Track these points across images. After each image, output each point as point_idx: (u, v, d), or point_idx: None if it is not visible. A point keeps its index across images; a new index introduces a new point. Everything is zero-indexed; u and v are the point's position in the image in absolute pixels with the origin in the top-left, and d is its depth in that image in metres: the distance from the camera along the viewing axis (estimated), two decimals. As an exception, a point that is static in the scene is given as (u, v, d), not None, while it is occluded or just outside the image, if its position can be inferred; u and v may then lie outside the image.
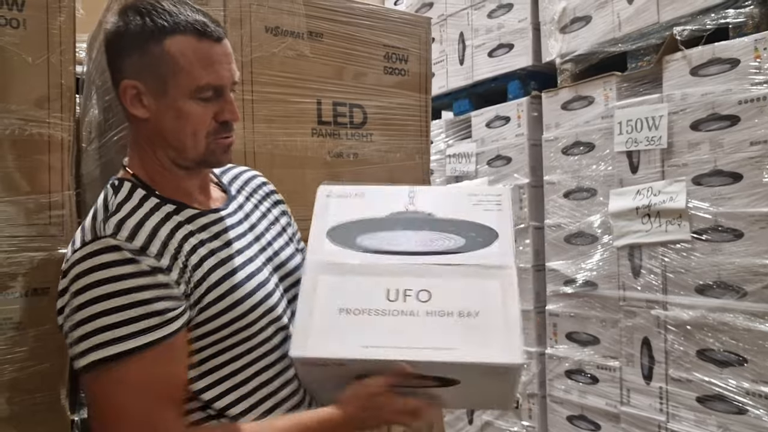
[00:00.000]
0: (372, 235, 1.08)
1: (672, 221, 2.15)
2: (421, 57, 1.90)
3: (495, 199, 1.10)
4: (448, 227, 1.07)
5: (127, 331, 0.87)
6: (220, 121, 1.00)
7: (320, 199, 1.15)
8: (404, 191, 1.14)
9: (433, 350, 0.94)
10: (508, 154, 2.89)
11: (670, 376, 2.19)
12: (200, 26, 0.95)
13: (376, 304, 0.99)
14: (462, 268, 1.02)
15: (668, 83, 2.19)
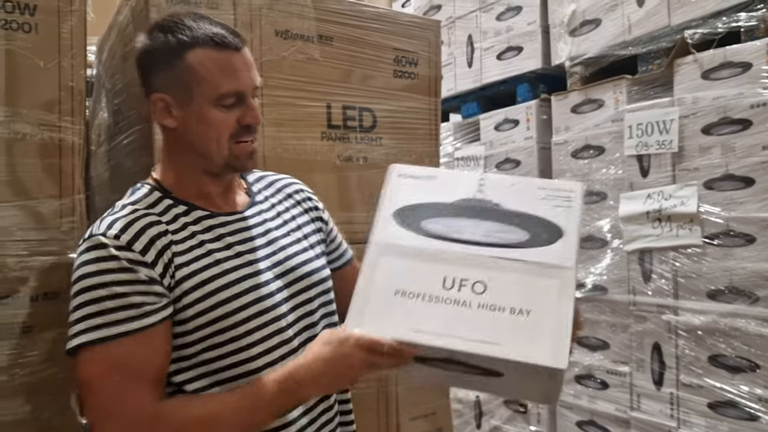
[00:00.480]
0: (437, 220, 1.07)
1: (683, 226, 2.14)
2: (430, 60, 1.89)
3: (565, 195, 1.05)
4: (513, 220, 1.05)
5: (106, 320, 0.95)
6: (242, 124, 1.05)
7: (391, 178, 1.12)
8: (475, 178, 1.11)
9: (479, 343, 0.94)
10: (517, 157, 2.88)
11: (681, 381, 2.17)
12: (218, 38, 1.01)
13: (431, 290, 1.00)
14: (521, 264, 1.00)
15: (679, 87, 2.17)
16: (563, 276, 0.98)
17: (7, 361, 1.27)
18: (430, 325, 0.96)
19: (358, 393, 1.68)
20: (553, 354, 0.91)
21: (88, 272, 0.98)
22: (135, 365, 0.96)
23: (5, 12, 1.29)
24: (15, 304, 1.28)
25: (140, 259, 0.98)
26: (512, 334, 0.94)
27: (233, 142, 1.05)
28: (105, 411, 0.95)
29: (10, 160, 1.31)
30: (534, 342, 0.93)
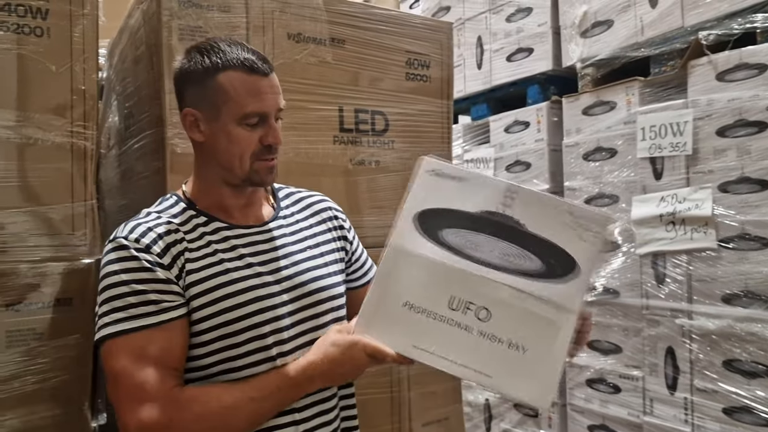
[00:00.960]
0: (457, 231, 1.07)
1: (697, 229, 2.12)
2: (442, 63, 1.87)
3: (593, 228, 1.02)
4: (533, 245, 1.03)
5: (128, 314, 1.02)
6: (264, 144, 1.11)
7: (422, 174, 1.10)
8: (504, 187, 1.07)
9: (473, 372, 1.00)
10: (528, 159, 2.86)
11: (695, 386, 2.15)
12: (249, 62, 1.09)
13: (437, 308, 1.04)
14: (528, 299, 1.02)
15: (693, 88, 2.15)
16: (565, 319, 1.00)
17: (19, 368, 1.27)
18: (429, 344, 1.02)
19: (371, 398, 1.67)
20: (539, 395, 0.98)
21: (111, 271, 1.05)
22: (156, 354, 1.02)
23: (17, 16, 1.28)
24: (27, 310, 1.28)
25: (158, 261, 1.06)
26: (505, 369, 0.99)
27: (254, 160, 1.12)
28: (129, 397, 1.00)
29: (21, 165, 1.30)
30: (524, 380, 0.99)
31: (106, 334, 1.02)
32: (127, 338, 1.01)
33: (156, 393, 1.00)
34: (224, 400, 1.03)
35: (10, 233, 1.28)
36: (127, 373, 1.00)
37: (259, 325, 1.09)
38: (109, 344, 1.02)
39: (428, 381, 1.80)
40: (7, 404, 1.24)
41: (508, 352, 1.00)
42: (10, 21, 1.27)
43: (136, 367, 1.00)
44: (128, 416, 0.99)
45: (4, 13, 1.27)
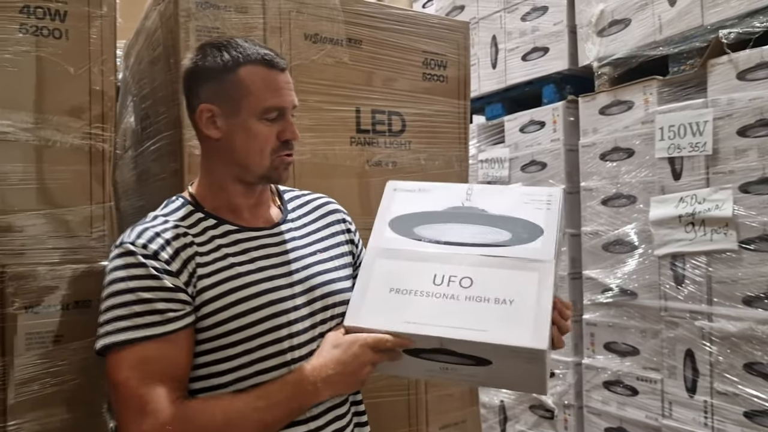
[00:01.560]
0: (429, 226, 1.17)
1: (718, 230, 2.09)
2: (459, 62, 1.86)
3: (546, 198, 1.16)
4: (498, 222, 1.15)
5: (132, 323, 1.00)
6: (282, 140, 1.11)
7: (387, 192, 1.25)
8: (463, 189, 1.22)
9: (467, 330, 1.03)
10: (543, 159, 2.83)
11: (715, 389, 2.12)
12: (269, 58, 1.09)
13: (422, 287, 1.10)
14: (504, 260, 1.10)
15: (713, 88, 2.12)
16: (542, 269, 1.08)
17: (38, 371, 1.26)
18: (421, 316, 1.06)
19: (388, 401, 1.66)
20: (533, 336, 1.01)
21: (117, 277, 1.03)
22: (160, 365, 1.00)
23: (36, 18, 1.28)
24: (46, 313, 1.27)
25: (166, 268, 1.03)
26: (497, 321, 1.04)
27: (274, 156, 1.11)
28: (131, 409, 0.98)
29: (39, 167, 1.30)
30: (516, 327, 1.03)
31: (108, 342, 1.00)
32: (131, 348, 0.99)
33: (159, 405, 0.98)
34: (229, 411, 1.01)
35: (29, 236, 1.27)
36: (130, 384, 0.98)
37: (273, 329, 1.08)
38: (113, 354, 1.00)
39: (445, 383, 1.78)
40: (27, 407, 1.24)
41: (497, 307, 1.05)
42: (29, 23, 1.27)
43: (139, 378, 0.98)
44: (130, 427, 0.97)
45: (23, 15, 1.26)
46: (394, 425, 1.69)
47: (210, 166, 1.15)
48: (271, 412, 1.02)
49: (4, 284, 1.23)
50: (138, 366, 0.99)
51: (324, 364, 1.05)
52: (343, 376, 1.04)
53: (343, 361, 1.04)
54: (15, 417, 1.23)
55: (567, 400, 2.73)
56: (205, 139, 1.14)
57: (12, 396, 1.22)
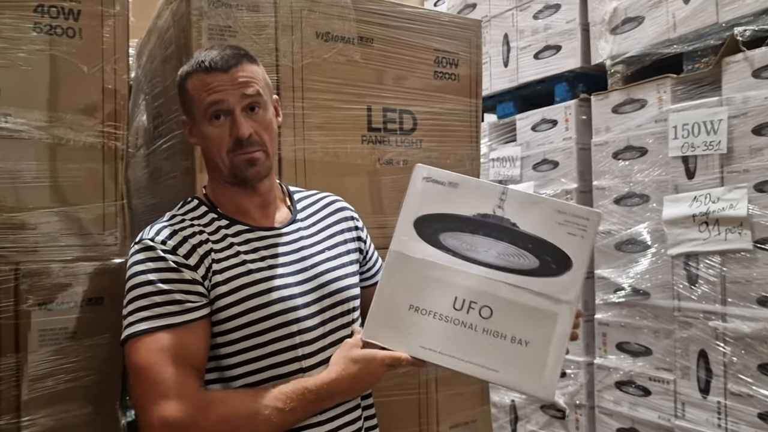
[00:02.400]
0: (455, 234, 1.13)
1: (732, 230, 2.07)
2: (471, 61, 1.85)
3: (581, 222, 1.09)
4: (527, 243, 1.10)
5: (153, 313, 1.04)
6: (234, 138, 1.13)
7: (416, 179, 1.16)
8: (497, 191, 1.13)
9: (479, 367, 1.05)
10: (555, 158, 2.82)
11: (729, 390, 2.10)
12: (207, 63, 1.11)
13: (442, 309, 1.09)
14: (528, 294, 1.08)
15: (728, 86, 2.10)
16: (563, 311, 1.06)
17: (51, 367, 1.27)
18: (436, 344, 1.07)
19: (398, 400, 1.66)
20: (543, 386, 1.03)
21: (138, 271, 1.06)
22: (180, 353, 1.03)
23: (50, 17, 1.29)
24: (59, 309, 1.29)
25: (185, 262, 1.07)
26: (509, 363, 1.05)
27: (232, 156, 1.13)
28: (153, 394, 0.99)
29: (53, 165, 1.31)
30: (527, 373, 1.04)
31: (131, 332, 1.03)
32: (151, 337, 1.02)
33: (181, 391, 1.00)
34: (250, 406, 1.03)
35: (42, 233, 1.29)
36: (152, 370, 1.00)
37: (284, 325, 1.11)
38: (134, 342, 1.02)
39: (456, 383, 1.78)
40: (41, 402, 1.25)
41: (512, 347, 1.05)
42: (43, 22, 1.28)
43: (160, 365, 1.00)
44: (151, 413, 0.98)
45: (37, 14, 1.27)
46: (404, 424, 1.69)
47: (208, 170, 1.22)
48: (289, 414, 1.05)
49: (18, 281, 1.24)
50: (160, 353, 1.01)
51: (341, 377, 1.08)
52: (358, 389, 1.11)
53: (360, 378, 1.09)
54: (29, 413, 1.24)
55: (578, 400, 2.72)
56: None
57: (26, 392, 1.24)
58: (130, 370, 1.04)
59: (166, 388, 0.99)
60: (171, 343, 1.02)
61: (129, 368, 1.04)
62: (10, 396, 1.22)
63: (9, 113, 1.26)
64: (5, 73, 1.25)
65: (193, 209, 1.18)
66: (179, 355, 1.02)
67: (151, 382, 1.00)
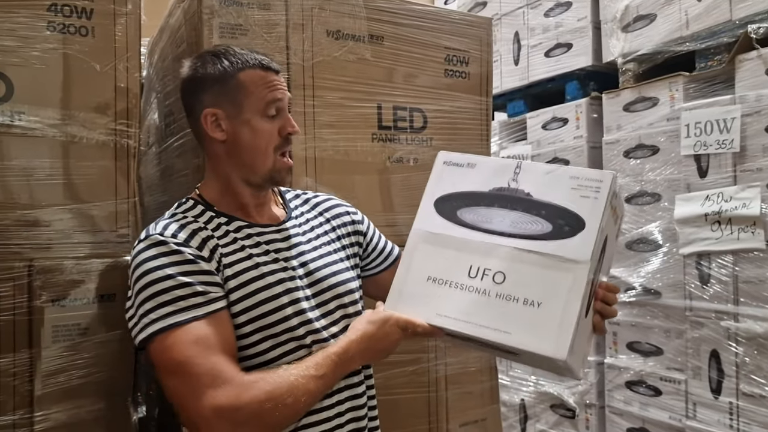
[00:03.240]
0: (472, 209, 1.16)
1: (745, 229, 2.05)
2: (481, 59, 1.85)
3: (594, 185, 1.08)
4: (541, 210, 1.11)
5: (178, 306, 1.03)
6: (283, 135, 1.18)
7: (438, 165, 1.24)
8: (512, 166, 1.16)
9: (492, 330, 1.05)
10: (566, 156, 2.81)
11: (741, 390, 2.09)
12: (265, 62, 1.17)
13: (457, 278, 1.11)
14: (540, 257, 1.08)
15: (741, 84, 2.08)
16: (577, 270, 1.04)
17: (63, 363, 1.28)
18: (452, 310, 1.09)
19: (407, 398, 1.66)
20: (554, 345, 1.01)
21: (153, 266, 1.05)
22: (217, 341, 1.03)
23: (63, 16, 1.30)
24: (72, 306, 1.30)
25: (199, 254, 1.08)
26: (522, 324, 1.04)
27: (278, 155, 1.18)
28: (200, 384, 0.99)
29: (66, 163, 1.32)
30: (539, 333, 1.03)
31: (156, 329, 1.01)
32: (183, 330, 1.01)
33: (226, 377, 1.00)
34: (289, 378, 1.03)
35: (55, 230, 1.30)
36: (192, 362, 1.00)
37: (292, 316, 1.13)
38: (164, 338, 1.01)
39: (466, 381, 1.78)
40: (54, 398, 1.26)
41: (524, 309, 1.05)
42: (56, 21, 1.29)
43: (200, 356, 1.00)
44: (201, 403, 0.98)
45: (51, 13, 1.28)
46: (413, 422, 1.69)
47: (217, 169, 1.20)
48: (321, 381, 1.07)
49: (31, 278, 1.25)
50: (195, 344, 1.01)
51: (360, 338, 1.11)
52: (375, 351, 1.12)
53: (377, 337, 1.11)
54: (42, 408, 1.25)
55: (589, 399, 2.71)
56: (211, 143, 1.18)
57: (39, 387, 1.25)
58: (165, 366, 1.02)
59: (211, 377, 0.99)
60: (204, 333, 1.02)
61: (163, 365, 1.02)
62: (23, 391, 1.24)
63: (23, 111, 1.27)
64: (19, 71, 1.26)
65: (190, 208, 1.18)
66: (215, 343, 1.02)
67: (196, 374, 0.99)
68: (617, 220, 1.16)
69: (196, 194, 1.22)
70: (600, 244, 1.07)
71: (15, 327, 1.23)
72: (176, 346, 1.00)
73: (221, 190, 1.20)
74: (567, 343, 1.00)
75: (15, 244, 1.25)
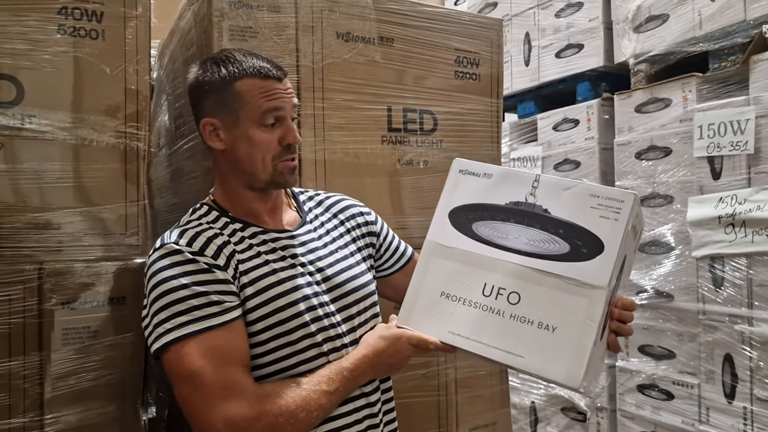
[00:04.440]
0: (488, 223, 1.14)
1: (759, 231, 2.03)
2: (492, 60, 1.84)
3: (615, 205, 1.04)
4: (558, 229, 1.08)
5: (194, 316, 1.02)
6: (283, 144, 1.15)
7: (453, 174, 1.21)
8: (530, 180, 1.13)
9: (504, 353, 1.04)
10: (577, 158, 2.79)
11: (755, 395, 2.06)
12: (264, 70, 1.13)
13: (471, 295, 1.10)
14: (555, 280, 1.05)
15: (756, 84, 2.06)
16: (593, 296, 1.02)
17: (73, 366, 1.29)
18: (465, 329, 1.08)
19: (417, 401, 1.65)
20: (568, 373, 0.99)
21: (168, 276, 1.04)
22: (230, 352, 1.03)
23: (73, 19, 1.30)
24: (82, 309, 1.30)
25: (214, 263, 1.07)
26: (535, 349, 1.03)
27: (278, 162, 1.15)
28: (213, 396, 0.99)
29: (76, 166, 1.32)
30: (553, 359, 1.01)
31: (171, 338, 1.01)
32: (196, 340, 1.00)
33: (238, 389, 1.00)
34: (301, 393, 1.04)
35: (66, 233, 1.30)
36: (205, 373, 0.99)
37: (310, 322, 1.12)
38: (178, 348, 1.00)
39: (476, 385, 1.77)
40: (63, 400, 1.27)
41: (538, 333, 1.03)
42: (67, 24, 1.29)
43: (216, 366, 1.00)
44: (213, 415, 0.98)
45: (61, 16, 1.29)
46: (423, 426, 1.68)
47: (222, 175, 1.20)
48: (333, 396, 1.07)
49: (41, 280, 1.25)
50: (210, 354, 1.00)
51: (372, 353, 1.12)
52: (386, 366, 1.14)
53: (388, 353, 1.12)
54: (52, 410, 1.26)
55: (600, 403, 2.68)
56: (213, 151, 1.18)
57: (49, 390, 1.25)
58: (177, 376, 1.01)
59: (223, 389, 0.99)
60: (218, 344, 1.01)
61: (176, 374, 1.01)
62: (33, 394, 1.24)
63: (33, 114, 1.27)
64: (30, 74, 1.26)
65: (205, 214, 1.17)
66: (228, 354, 1.02)
67: (209, 385, 0.99)
68: (637, 236, 1.13)
69: (210, 199, 1.21)
70: (618, 267, 1.04)
71: (25, 330, 1.23)
72: (190, 356, 1.00)
73: (231, 197, 1.19)
74: (581, 371, 0.99)
75: (25, 246, 1.26)
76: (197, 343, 1.00)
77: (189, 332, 1.01)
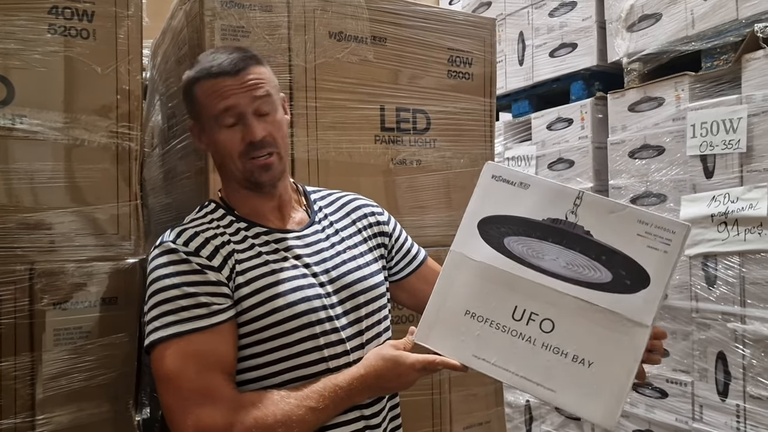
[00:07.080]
0: (521, 240, 1.04)
1: (752, 230, 2.03)
2: (485, 60, 1.84)
3: (665, 236, 0.95)
4: (601, 255, 0.98)
5: (179, 317, 1.01)
6: (247, 142, 1.11)
7: (484, 177, 1.09)
8: (572, 196, 1.02)
9: (535, 385, 0.97)
10: (571, 157, 2.79)
11: (748, 393, 2.07)
12: (215, 69, 1.10)
13: (500, 318, 1.01)
14: (595, 311, 0.97)
15: (748, 83, 2.06)
16: (636, 333, 0.94)
17: (65, 366, 1.28)
18: (491, 354, 1.00)
19: (411, 401, 1.65)
20: (604, 414, 0.92)
21: (162, 274, 1.05)
22: (211, 357, 1.01)
23: (64, 19, 1.30)
24: (74, 309, 1.30)
25: (208, 264, 1.06)
26: (569, 383, 0.95)
27: (246, 159, 1.12)
28: (187, 400, 0.98)
29: (69, 165, 1.32)
30: (589, 397, 0.93)
31: (157, 337, 1.01)
32: (180, 341, 1.00)
33: (214, 396, 0.99)
34: (284, 407, 1.00)
35: (58, 233, 1.30)
36: (184, 375, 0.98)
37: (310, 325, 1.09)
38: (162, 347, 1.00)
39: (470, 383, 1.77)
40: (56, 401, 1.26)
41: (573, 366, 0.95)
42: (57, 24, 1.29)
43: (192, 370, 0.99)
44: (185, 420, 0.97)
45: (52, 16, 1.28)
46: (417, 425, 1.68)
47: (221, 174, 1.21)
48: (322, 413, 1.03)
49: (33, 281, 1.25)
50: (192, 357, 0.99)
51: (370, 374, 1.06)
52: (384, 389, 1.09)
53: (387, 378, 1.06)
54: (44, 411, 1.25)
55: (594, 401, 2.69)
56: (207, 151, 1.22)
57: (40, 391, 1.25)
58: (158, 376, 1.01)
59: (199, 395, 0.98)
60: (201, 348, 1.00)
61: (157, 374, 1.01)
62: (24, 395, 1.24)
63: (24, 114, 1.27)
64: (21, 74, 1.26)
65: (212, 211, 1.17)
66: (210, 360, 1.01)
67: (184, 389, 0.98)
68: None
69: (219, 197, 1.21)
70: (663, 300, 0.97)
71: (16, 330, 1.23)
72: (172, 357, 0.99)
73: (233, 195, 1.19)
74: (618, 411, 0.92)
75: (17, 246, 1.25)
76: (182, 344, 1.00)
77: (174, 332, 1.00)
